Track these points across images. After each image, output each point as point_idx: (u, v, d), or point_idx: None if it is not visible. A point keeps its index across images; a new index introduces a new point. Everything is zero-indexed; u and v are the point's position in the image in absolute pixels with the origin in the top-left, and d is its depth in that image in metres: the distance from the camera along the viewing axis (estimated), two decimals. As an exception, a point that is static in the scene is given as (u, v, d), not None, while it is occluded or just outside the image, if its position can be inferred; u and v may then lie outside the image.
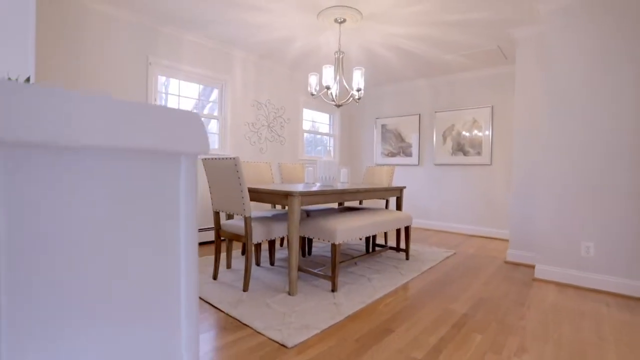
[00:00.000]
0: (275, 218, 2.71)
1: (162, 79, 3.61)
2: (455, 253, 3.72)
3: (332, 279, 2.42)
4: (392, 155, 5.70)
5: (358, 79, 3.10)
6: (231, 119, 4.18)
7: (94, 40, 3.02)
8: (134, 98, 3.29)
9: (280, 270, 2.91)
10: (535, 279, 2.83)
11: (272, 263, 3.02)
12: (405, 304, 2.27)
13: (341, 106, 3.51)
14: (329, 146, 5.97)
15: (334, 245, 2.40)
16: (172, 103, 3.71)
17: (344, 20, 3.22)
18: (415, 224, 5.47)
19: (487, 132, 4.69)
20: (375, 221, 2.83)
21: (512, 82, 4.51)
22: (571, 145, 2.70)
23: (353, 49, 4.08)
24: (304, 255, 3.39)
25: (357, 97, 3.16)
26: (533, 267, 3.20)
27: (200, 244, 3.88)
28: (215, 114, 4.12)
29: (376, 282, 2.65)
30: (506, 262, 3.37)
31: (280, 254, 3.48)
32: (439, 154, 5.16)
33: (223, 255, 3.37)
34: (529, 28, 3.29)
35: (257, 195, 2.54)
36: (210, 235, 3.93)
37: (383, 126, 5.83)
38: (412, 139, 5.46)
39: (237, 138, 4.26)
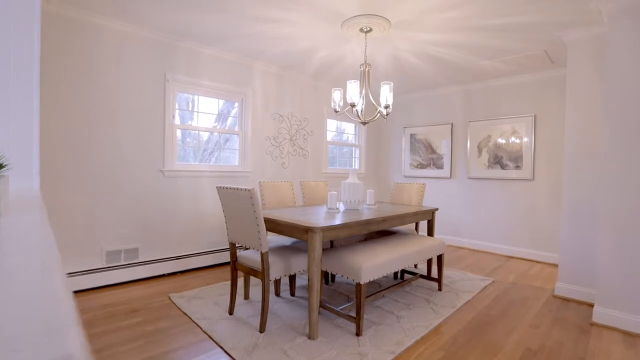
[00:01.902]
0: (295, 249, 2.50)
1: (184, 95, 3.51)
2: (493, 281, 3.36)
3: (357, 321, 2.18)
4: (422, 167, 5.35)
5: (386, 94, 2.83)
6: (252, 133, 4.02)
7: (108, 60, 2.94)
8: (151, 116, 3.19)
9: (301, 302, 2.69)
10: (593, 324, 2.44)
11: (292, 293, 2.82)
12: (439, 356, 1.99)
13: (367, 123, 3.24)
14: (355, 156, 5.70)
15: (358, 285, 2.16)
16: (193, 120, 3.61)
17: (370, 30, 2.97)
18: (446, 241, 5.09)
19: (528, 145, 4.25)
20: (405, 254, 2.55)
21: (559, 89, 4.05)
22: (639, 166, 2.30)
23: (380, 57, 3.81)
24: (327, 282, 3.16)
25: (385, 113, 2.89)
26: (589, 305, 2.79)
27: (219, 265, 3.75)
28: (236, 129, 3.98)
29: (406, 322, 2.38)
30: (555, 297, 2.98)
31: (301, 280, 3.27)
32: (473, 167, 4.76)
33: (241, 280, 3.21)
34: (585, 30, 2.88)
35: (275, 226, 2.34)
36: (228, 257, 3.78)
37: (412, 136, 5.49)
38: (443, 150, 5.09)
39: (258, 153, 4.10)
